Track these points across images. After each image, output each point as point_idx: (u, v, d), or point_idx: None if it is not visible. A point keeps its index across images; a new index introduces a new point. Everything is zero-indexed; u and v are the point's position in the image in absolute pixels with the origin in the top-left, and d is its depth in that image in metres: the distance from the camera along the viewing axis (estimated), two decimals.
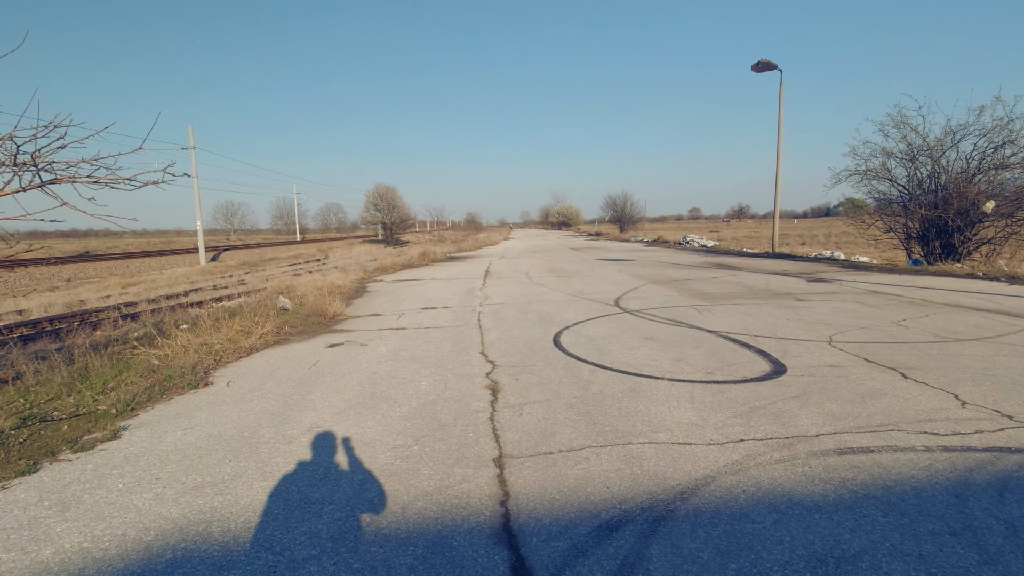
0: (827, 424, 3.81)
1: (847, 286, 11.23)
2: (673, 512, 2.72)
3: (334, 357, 6.25)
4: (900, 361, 5.38)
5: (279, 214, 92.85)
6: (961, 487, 2.87)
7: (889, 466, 3.14)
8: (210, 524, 2.72)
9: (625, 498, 2.87)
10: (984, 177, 14.32)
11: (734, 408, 4.19)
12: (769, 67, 20.71)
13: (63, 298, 13.85)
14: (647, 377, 5.07)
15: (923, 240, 15.31)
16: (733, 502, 2.80)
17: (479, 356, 6.09)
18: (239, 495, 3.03)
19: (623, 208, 64.59)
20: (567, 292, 11.36)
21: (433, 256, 23.38)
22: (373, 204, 44.02)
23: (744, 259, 19.61)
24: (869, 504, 2.74)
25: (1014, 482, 2.91)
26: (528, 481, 3.11)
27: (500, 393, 4.74)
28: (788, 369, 5.22)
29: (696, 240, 30.73)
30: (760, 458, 3.31)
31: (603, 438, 3.68)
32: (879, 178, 16.28)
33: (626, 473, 3.16)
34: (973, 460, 3.19)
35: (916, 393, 4.42)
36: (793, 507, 2.73)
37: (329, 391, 4.94)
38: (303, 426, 4.08)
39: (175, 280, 18.76)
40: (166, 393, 5.01)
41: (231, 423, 4.17)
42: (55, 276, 24.58)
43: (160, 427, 4.12)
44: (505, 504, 2.86)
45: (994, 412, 3.95)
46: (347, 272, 16.60)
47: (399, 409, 4.40)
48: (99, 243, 60.42)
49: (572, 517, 2.70)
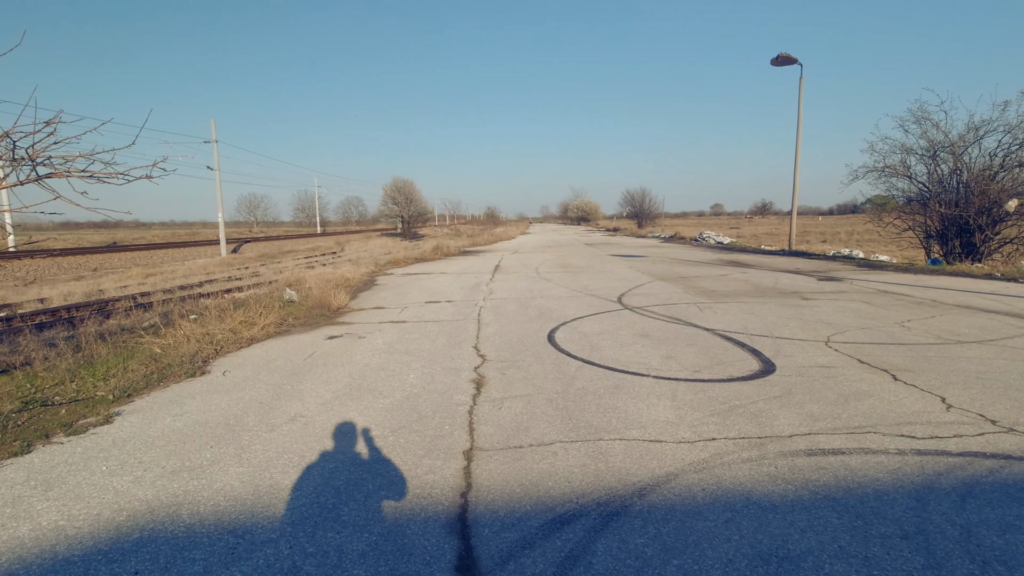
0: (803, 425, 3.79)
1: (857, 285, 11.03)
2: (628, 508, 2.75)
3: (330, 349, 6.37)
4: (894, 363, 5.30)
5: (300, 207, 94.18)
6: (924, 491, 2.85)
7: (856, 468, 3.13)
8: (181, 507, 2.84)
9: (584, 493, 2.91)
10: (1007, 175, 13.89)
11: (713, 407, 4.18)
12: (789, 61, 20.31)
13: (85, 287, 14.30)
14: (633, 374, 5.08)
15: (942, 239, 14.93)
16: (690, 500, 2.82)
17: (471, 350, 6.16)
18: (213, 480, 3.14)
19: (641, 203, 64.00)
20: (572, 288, 11.36)
21: (446, 250, 23.51)
22: (391, 198, 44.34)
23: (758, 256, 19.33)
24: (826, 506, 2.73)
25: (980, 488, 2.87)
26: (493, 474, 3.16)
27: (484, 387, 4.80)
28: (777, 369, 5.18)
29: (712, 237, 30.36)
30: (727, 457, 3.32)
31: (575, 433, 3.72)
32: (898, 175, 15.90)
33: (590, 468, 3.20)
34: (944, 464, 3.16)
35: (902, 395, 4.36)
36: (749, 506, 2.74)
37: (319, 382, 5.06)
38: (287, 415, 4.19)
39: (193, 271, 19.21)
40: (164, 381, 5.18)
41: (219, 411, 4.31)
42: (82, 266, 25.36)
43: (152, 413, 4.28)
44: (466, 495, 2.92)
45: (978, 416, 3.88)
46: (359, 265, 16.81)
47: (383, 401, 4.49)
48: (126, 234, 62.03)
49: (528, 510, 2.75)
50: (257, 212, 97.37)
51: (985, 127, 14.14)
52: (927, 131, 15.16)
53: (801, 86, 20.52)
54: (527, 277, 13.70)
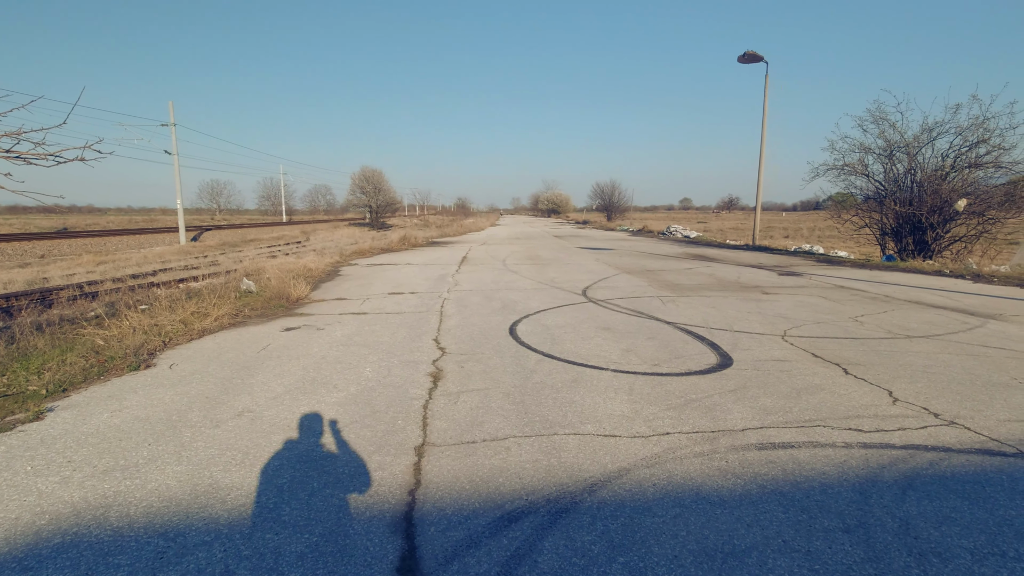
0: (756, 418, 3.83)
1: (816, 280, 11.31)
2: (578, 504, 2.72)
3: (287, 341, 6.19)
4: (846, 357, 5.43)
5: (266, 195, 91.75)
6: (868, 484, 2.90)
7: (804, 462, 3.17)
8: (109, 509, 2.68)
9: (534, 489, 2.86)
10: (958, 175, 14.42)
11: (670, 401, 4.20)
12: (755, 59, 20.63)
13: (29, 275, 13.60)
14: (592, 368, 5.06)
15: (897, 236, 15.44)
16: (640, 495, 2.80)
17: (431, 343, 6.06)
18: (147, 480, 2.98)
19: (610, 197, 64.46)
20: (538, 280, 11.34)
21: (414, 241, 23.22)
22: (359, 187, 43.57)
23: (723, 251, 19.67)
24: (773, 500, 2.75)
25: (920, 480, 2.94)
26: (443, 470, 3.09)
27: (441, 381, 4.71)
28: (734, 362, 5.24)
29: (680, 231, 30.79)
30: (680, 451, 3.32)
31: (530, 428, 3.67)
32: (856, 173, 16.36)
33: (543, 464, 3.15)
34: (888, 457, 3.22)
35: (852, 389, 4.46)
36: (698, 501, 2.74)
37: (271, 375, 4.89)
38: (234, 410, 4.03)
39: (148, 259, 18.50)
40: (105, 374, 4.93)
41: (162, 406, 4.11)
42: (28, 252, 24.15)
43: (87, 409, 4.06)
44: (413, 493, 2.84)
45: (922, 410, 3.99)
46: (323, 255, 16.45)
47: (336, 395, 4.37)
48: (79, 219, 59.42)
49: (475, 507, 2.69)
50: (220, 199, 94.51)
51: (938, 129, 14.66)
52: (884, 131, 15.63)
53: (767, 84, 20.88)
54: (494, 269, 13.62)
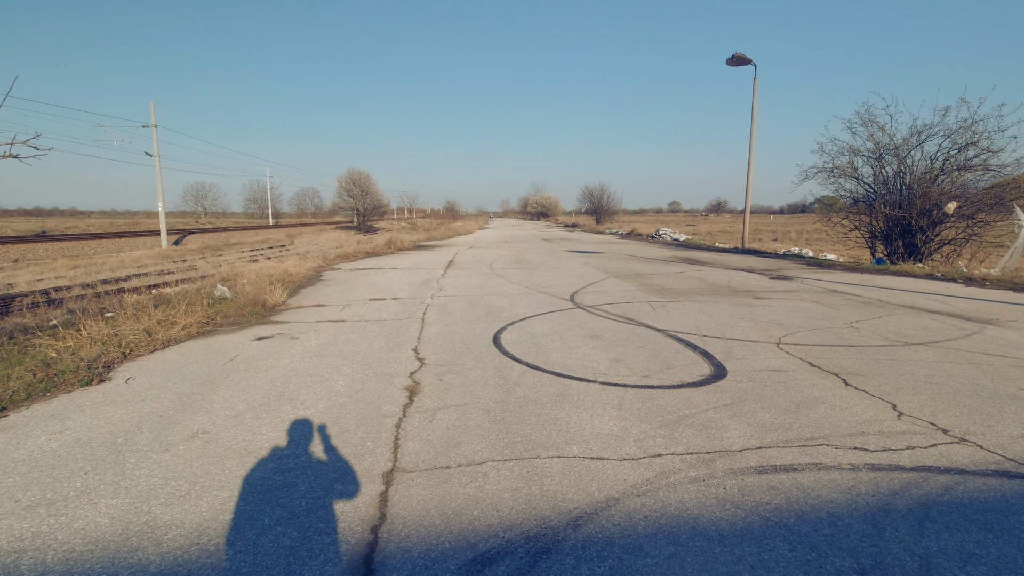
0: (755, 437, 3.55)
1: (808, 284, 11.12)
2: (561, 543, 2.41)
3: (257, 352, 5.83)
4: (844, 366, 5.18)
5: (252, 197, 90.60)
6: (880, 514, 2.62)
7: (809, 488, 2.89)
8: (23, 555, 2.33)
9: (512, 524, 2.56)
10: (947, 178, 14.35)
11: (662, 417, 3.91)
12: (743, 61, 20.53)
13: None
14: (579, 380, 4.77)
15: (886, 239, 15.34)
16: (630, 531, 2.51)
17: (410, 353, 5.73)
18: (75, 516, 2.64)
19: (600, 199, 64.33)
20: (525, 285, 11.04)
21: (400, 244, 22.84)
22: (346, 190, 43.04)
23: (713, 254, 19.51)
24: (779, 534, 2.47)
25: (936, 508, 2.67)
26: (413, 501, 2.78)
27: (417, 396, 4.39)
28: (728, 373, 4.97)
29: (669, 234, 30.67)
30: (674, 476, 3.03)
31: (510, 450, 3.37)
32: (846, 176, 16.26)
33: (523, 493, 2.85)
34: (899, 482, 2.95)
35: (854, 402, 4.20)
36: (695, 537, 2.45)
37: (235, 391, 4.54)
38: (188, 431, 3.69)
39: (125, 264, 17.96)
40: (52, 390, 4.55)
41: (108, 427, 3.76)
42: (1, 256, 23.47)
43: (24, 431, 3.69)
44: (377, 530, 2.52)
45: (929, 425, 3.74)
46: (306, 259, 16.04)
47: (303, 412, 4.03)
48: (58, 223, 58.25)
49: (446, 548, 2.38)
50: (205, 202, 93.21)
51: (927, 131, 14.58)
52: (873, 133, 15.55)
53: (755, 86, 20.79)
54: (480, 273, 13.31)
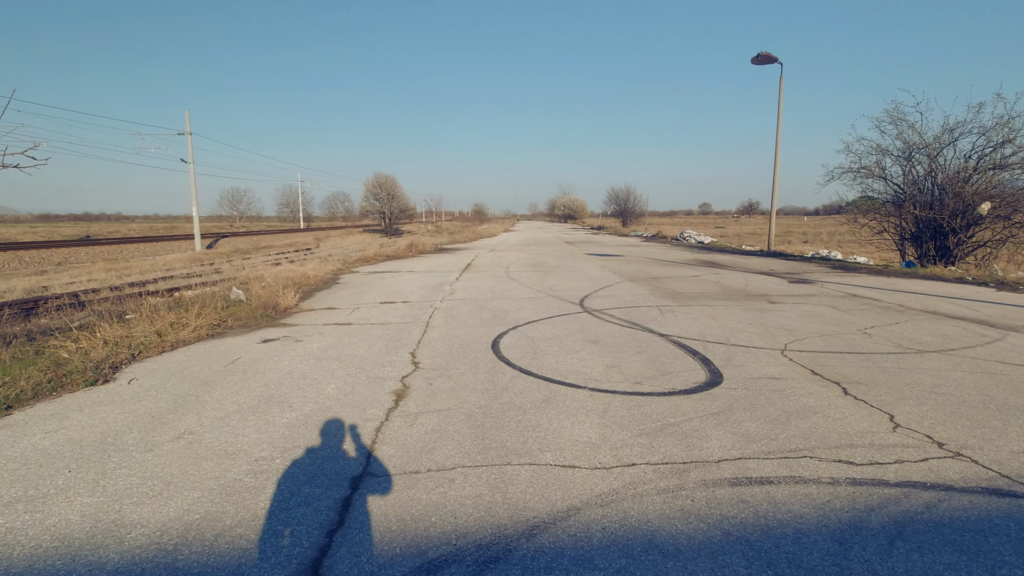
0: (736, 447, 3.45)
1: (828, 288, 10.78)
2: (511, 552, 2.39)
3: (259, 354, 5.96)
4: (847, 374, 5.00)
5: (284, 201, 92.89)
6: (850, 532, 2.52)
7: (781, 502, 2.79)
8: None
9: (467, 532, 2.54)
10: (982, 177, 13.73)
11: (644, 425, 3.84)
12: (769, 60, 20.09)
13: (31, 283, 13.68)
14: (569, 386, 4.72)
15: (917, 241, 14.77)
16: (585, 542, 2.46)
17: (407, 357, 5.77)
18: (49, 514, 2.73)
19: (625, 202, 63.73)
20: (537, 288, 11.01)
21: (421, 247, 23.05)
22: (372, 194, 43.68)
23: (735, 257, 19.10)
24: (737, 551, 2.39)
25: (911, 527, 2.55)
26: (374, 506, 2.79)
27: (403, 400, 4.42)
28: (724, 380, 4.85)
29: (693, 236, 30.18)
30: (643, 487, 2.97)
31: (483, 457, 3.35)
32: (874, 176, 15.71)
33: (485, 500, 2.83)
34: (878, 497, 2.83)
35: (849, 412, 4.05)
36: (649, 551, 2.39)
37: (228, 392, 4.65)
38: (175, 432, 3.78)
39: (156, 267, 18.60)
40: (59, 390, 4.73)
41: (101, 426, 3.88)
42: (46, 260, 24.57)
43: (22, 429, 3.85)
44: (332, 535, 2.54)
45: (925, 438, 3.58)
46: (326, 262, 16.33)
47: (288, 415, 4.10)
48: (103, 227, 60.77)
49: (396, 554, 2.38)
50: (240, 206, 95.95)
51: (960, 129, 14.00)
52: (903, 132, 15.00)
53: (781, 85, 20.32)
54: (495, 276, 13.32)
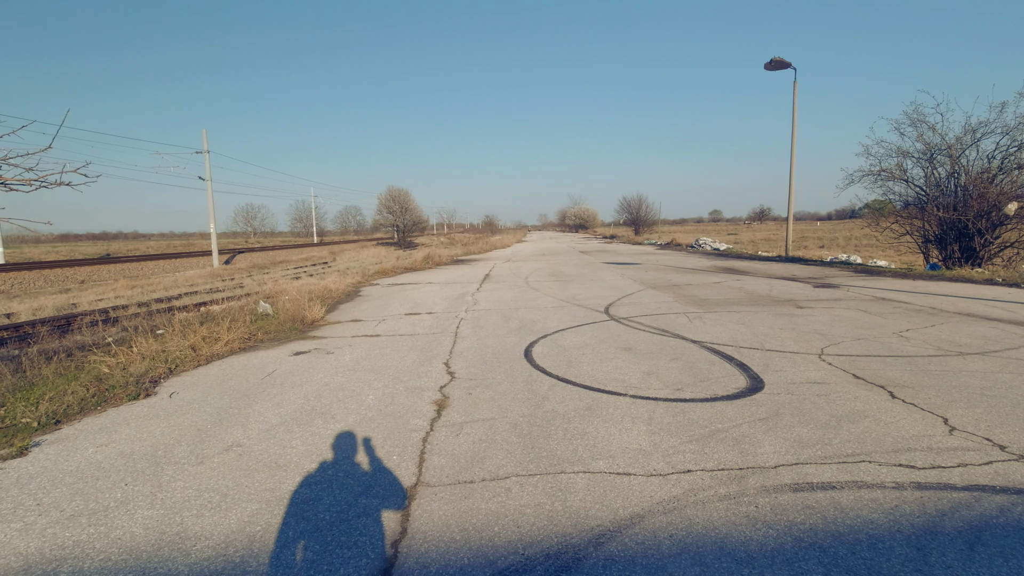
0: (791, 453, 3.40)
1: (854, 292, 10.65)
2: (581, 560, 2.36)
3: (293, 367, 5.99)
4: (891, 378, 4.92)
5: (298, 216, 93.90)
6: (926, 537, 2.46)
7: (848, 507, 2.74)
8: (63, 563, 2.44)
9: (533, 541, 2.52)
10: (1006, 177, 13.54)
11: (693, 431, 3.79)
12: (783, 65, 20.05)
13: (60, 301, 13.91)
14: (609, 393, 4.69)
15: (941, 244, 14.56)
16: (655, 549, 2.43)
17: (441, 367, 5.77)
18: (113, 526, 2.75)
19: (638, 210, 63.60)
20: (560, 298, 10.99)
21: (438, 259, 23.15)
22: (386, 207, 44.03)
23: (754, 263, 18.96)
24: (812, 557, 2.34)
25: (990, 532, 2.48)
26: (434, 516, 2.77)
27: (445, 410, 4.41)
28: (765, 386, 4.79)
29: (709, 243, 30.02)
30: (703, 494, 2.93)
31: (535, 465, 3.33)
32: (894, 179, 15.56)
33: (546, 509, 2.80)
34: (948, 502, 2.76)
35: (901, 416, 3.97)
36: (722, 558, 2.35)
37: (270, 405, 4.67)
38: (223, 444, 3.80)
39: (178, 283, 18.83)
40: (103, 404, 4.79)
41: (150, 440, 3.91)
42: (69, 278, 24.98)
43: (75, 443, 3.89)
44: (397, 545, 2.53)
45: (984, 441, 3.50)
46: (346, 276, 16.44)
47: (333, 426, 4.10)
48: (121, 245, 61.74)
49: (464, 564, 2.36)
50: (254, 222, 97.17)
51: (982, 129, 13.84)
52: (923, 134, 14.85)
53: (795, 90, 20.26)
54: (515, 286, 13.32)
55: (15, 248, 47.36)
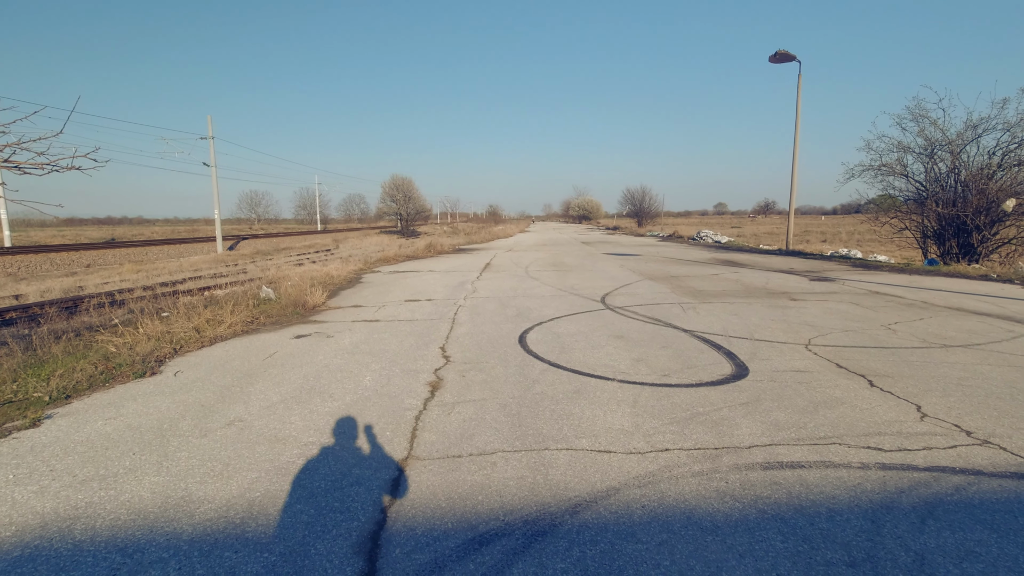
0: (766, 435, 3.56)
1: (849, 286, 10.77)
2: (557, 527, 2.53)
3: (294, 349, 6.17)
4: (873, 368, 5.07)
5: (302, 204, 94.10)
6: (882, 511, 2.62)
7: (813, 484, 2.90)
8: (76, 521, 2.63)
9: (513, 509, 2.69)
10: (1006, 174, 13.58)
11: (675, 414, 3.96)
12: (788, 58, 20.01)
13: (67, 284, 14.14)
14: (598, 378, 4.85)
15: (939, 239, 14.63)
16: (626, 518, 2.60)
17: (437, 351, 5.94)
18: (122, 490, 2.93)
19: (641, 202, 63.51)
20: (558, 287, 11.14)
21: (439, 248, 23.30)
22: (389, 195, 44.15)
23: (754, 256, 19.05)
24: (772, 527, 2.51)
25: (942, 508, 2.64)
26: (423, 486, 2.95)
27: (439, 391, 4.58)
28: (750, 373, 4.95)
29: (710, 235, 30.07)
30: (678, 470, 3.09)
31: (521, 442, 3.50)
32: (895, 174, 15.60)
33: (527, 481, 2.98)
34: (908, 480, 2.93)
35: (876, 403, 4.13)
36: (688, 527, 2.52)
37: (270, 384, 4.85)
38: (225, 419, 3.99)
39: (183, 268, 19.05)
40: (110, 381, 4.98)
41: (156, 414, 4.10)
42: (75, 262, 25.23)
43: (84, 416, 4.08)
44: (386, 511, 2.71)
45: (953, 427, 3.65)
46: (348, 263, 16.62)
47: (330, 404, 4.28)
48: (126, 230, 62.04)
49: (448, 528, 2.54)
50: (258, 209, 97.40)
51: (984, 125, 13.86)
52: (925, 129, 14.88)
53: (800, 83, 20.22)
54: (515, 276, 13.48)
55: (21, 231, 47.68)
